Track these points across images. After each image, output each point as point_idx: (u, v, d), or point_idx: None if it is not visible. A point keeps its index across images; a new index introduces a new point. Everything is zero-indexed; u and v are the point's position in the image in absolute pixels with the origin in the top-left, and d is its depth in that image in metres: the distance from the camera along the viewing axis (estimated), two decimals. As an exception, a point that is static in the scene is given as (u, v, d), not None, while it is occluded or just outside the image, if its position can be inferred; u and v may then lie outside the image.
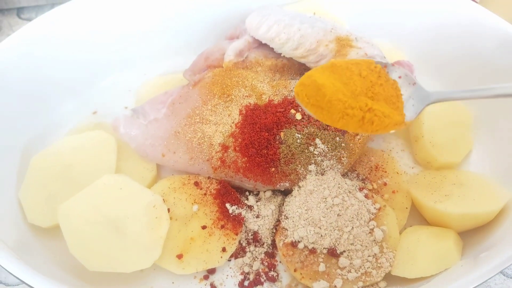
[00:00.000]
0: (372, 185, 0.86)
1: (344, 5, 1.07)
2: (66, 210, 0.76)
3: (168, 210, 0.80)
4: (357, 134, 0.84)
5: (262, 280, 0.79)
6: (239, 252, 0.81)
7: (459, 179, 0.85)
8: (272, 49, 0.94)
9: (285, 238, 0.78)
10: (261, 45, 0.97)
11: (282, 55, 0.93)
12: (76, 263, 0.73)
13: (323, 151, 0.81)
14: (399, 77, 0.69)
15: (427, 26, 1.03)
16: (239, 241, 0.82)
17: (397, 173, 0.89)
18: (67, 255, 0.73)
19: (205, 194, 0.84)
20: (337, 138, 0.82)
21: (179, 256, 0.77)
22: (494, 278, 0.83)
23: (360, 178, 0.88)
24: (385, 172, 0.89)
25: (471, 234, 0.80)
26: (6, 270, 0.64)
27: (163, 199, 0.81)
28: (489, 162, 0.92)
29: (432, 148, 0.90)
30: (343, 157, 0.83)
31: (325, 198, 0.78)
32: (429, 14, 1.04)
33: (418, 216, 0.86)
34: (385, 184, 0.87)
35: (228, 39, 1.02)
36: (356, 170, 0.89)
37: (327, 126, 0.82)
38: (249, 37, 0.96)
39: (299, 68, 0.95)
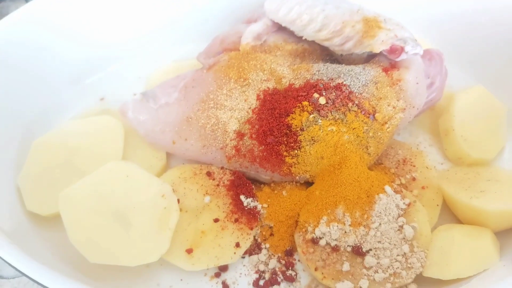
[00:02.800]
0: (400, 179, 0.80)
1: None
2: (68, 198, 0.72)
3: (178, 200, 0.75)
4: (386, 122, 0.77)
5: (279, 279, 0.73)
6: (254, 248, 0.76)
7: (493, 176, 0.80)
8: (292, 33, 0.89)
9: (305, 234, 0.72)
10: (280, 29, 0.92)
11: (303, 38, 0.87)
12: (76, 254, 0.69)
13: (348, 140, 0.75)
14: None
15: (457, 12, 0.97)
16: (254, 237, 0.76)
17: (427, 167, 0.83)
18: (67, 246, 0.69)
19: (218, 185, 0.79)
20: (364, 126, 0.75)
21: (189, 251, 0.71)
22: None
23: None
24: (414, 166, 0.82)
25: (507, 234, 0.74)
26: (3, 259, 0.61)
27: (173, 189, 0.75)
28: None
29: (464, 143, 0.84)
30: (370, 147, 0.76)
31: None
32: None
33: (448, 214, 0.80)
34: (413, 179, 0.80)
35: (246, 24, 0.96)
36: (382, 163, 0.82)
37: (353, 111, 0.75)
38: (268, 21, 0.91)
39: (321, 53, 0.90)
